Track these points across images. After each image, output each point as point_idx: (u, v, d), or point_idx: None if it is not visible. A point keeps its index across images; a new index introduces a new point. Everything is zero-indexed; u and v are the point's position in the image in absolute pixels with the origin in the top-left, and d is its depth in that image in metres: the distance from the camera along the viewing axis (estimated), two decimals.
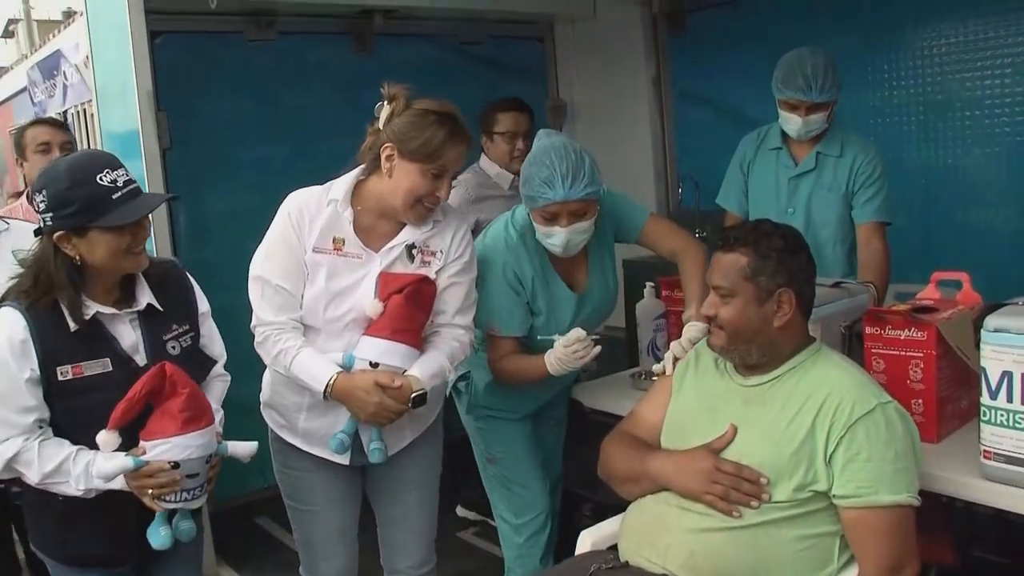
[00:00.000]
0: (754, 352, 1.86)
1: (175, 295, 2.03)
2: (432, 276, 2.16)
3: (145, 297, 1.95)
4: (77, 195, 1.81)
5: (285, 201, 2.16)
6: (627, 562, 1.89)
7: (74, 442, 1.86)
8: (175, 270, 2.10)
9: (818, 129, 2.84)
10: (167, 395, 1.85)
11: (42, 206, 1.84)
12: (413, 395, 2.08)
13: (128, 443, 1.86)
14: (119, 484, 1.83)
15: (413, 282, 2.10)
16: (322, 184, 2.19)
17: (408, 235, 2.15)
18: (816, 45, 2.80)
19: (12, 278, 1.90)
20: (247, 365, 2.31)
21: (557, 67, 4.87)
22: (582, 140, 4.69)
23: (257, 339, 2.16)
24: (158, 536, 1.90)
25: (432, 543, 2.40)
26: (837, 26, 3.72)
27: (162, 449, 1.83)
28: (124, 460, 1.80)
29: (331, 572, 2.31)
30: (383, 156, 2.09)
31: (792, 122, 2.83)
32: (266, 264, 2.13)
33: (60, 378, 1.83)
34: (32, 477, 1.84)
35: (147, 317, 1.96)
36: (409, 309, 2.09)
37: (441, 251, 2.18)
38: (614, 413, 2.46)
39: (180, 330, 2.01)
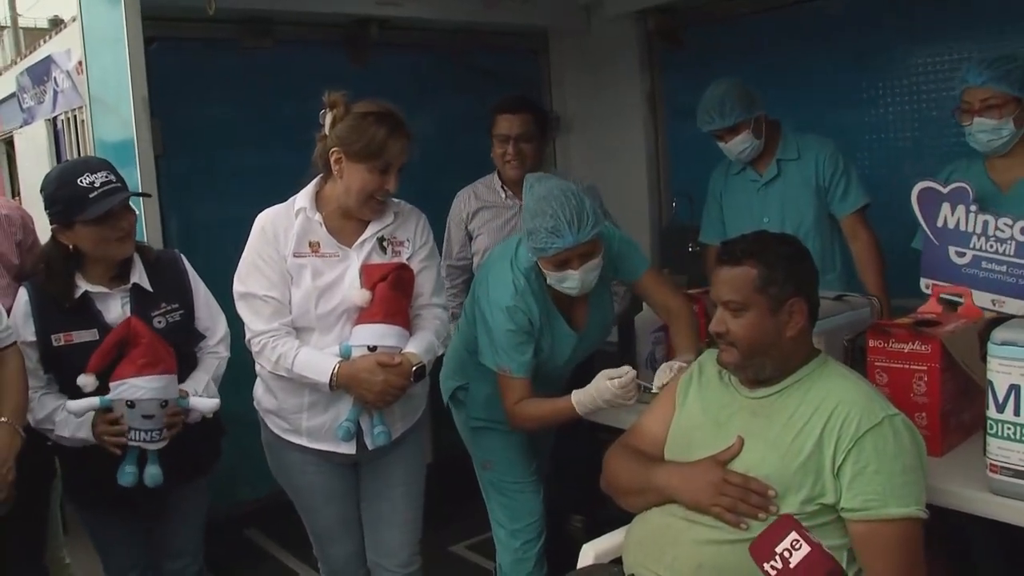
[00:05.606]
0: (768, 366, 1.84)
1: (168, 277, 2.33)
2: (406, 263, 2.30)
3: (135, 278, 2.26)
4: (61, 195, 2.17)
5: (255, 221, 2.28)
6: (632, 574, 1.87)
7: (72, 398, 2.16)
8: (169, 256, 2.41)
9: (749, 148, 3.00)
10: (132, 345, 2.16)
11: (44, 205, 2.19)
12: (414, 368, 2.21)
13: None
14: (85, 433, 2.15)
15: (394, 269, 2.24)
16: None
17: (375, 228, 2.29)
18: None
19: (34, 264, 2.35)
20: (233, 377, 2.38)
21: (551, 79, 4.87)
22: (575, 153, 4.73)
23: (255, 349, 2.24)
24: (123, 474, 2.17)
25: (416, 544, 2.47)
26: (830, 43, 3.75)
27: (121, 389, 2.13)
28: (92, 400, 2.13)
29: (339, 555, 2.46)
30: (332, 160, 2.22)
31: (725, 150, 3.04)
32: (249, 280, 2.24)
33: (55, 344, 2.19)
34: (31, 421, 2.16)
35: (138, 295, 2.27)
36: (395, 294, 2.24)
37: (408, 240, 2.34)
38: (613, 426, 2.44)
39: (168, 307, 2.30)
